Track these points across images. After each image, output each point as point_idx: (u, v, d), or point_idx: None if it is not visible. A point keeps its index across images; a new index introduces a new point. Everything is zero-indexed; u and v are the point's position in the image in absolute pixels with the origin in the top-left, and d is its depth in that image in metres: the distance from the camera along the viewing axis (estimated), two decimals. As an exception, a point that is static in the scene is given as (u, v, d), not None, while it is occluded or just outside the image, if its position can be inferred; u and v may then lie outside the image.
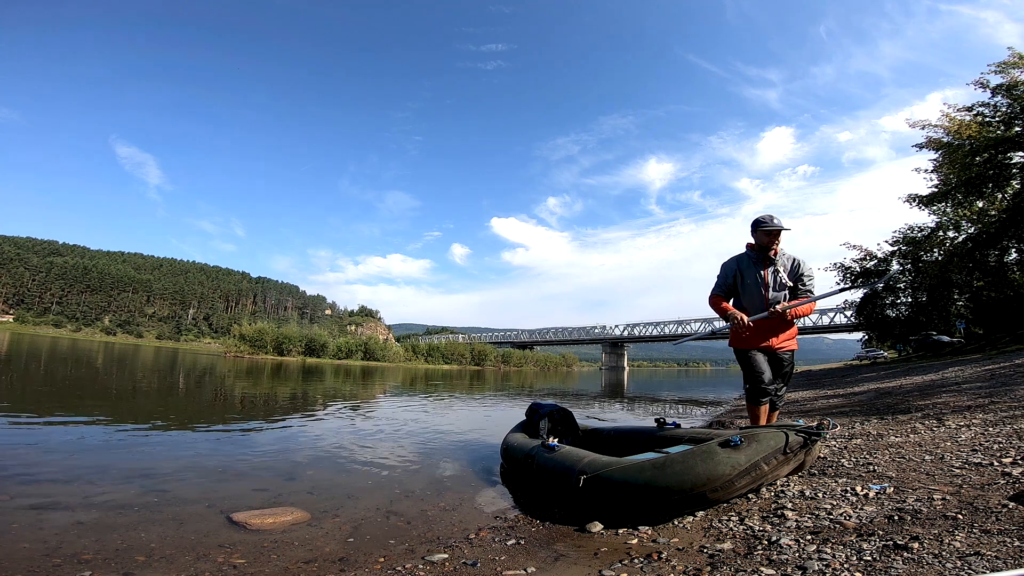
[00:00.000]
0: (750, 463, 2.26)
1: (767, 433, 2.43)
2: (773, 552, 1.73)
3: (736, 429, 3.01)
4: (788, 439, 2.39)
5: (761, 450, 2.31)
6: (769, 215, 3.19)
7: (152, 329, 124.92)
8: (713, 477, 2.22)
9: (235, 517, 2.39)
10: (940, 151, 18.57)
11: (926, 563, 1.46)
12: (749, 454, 2.28)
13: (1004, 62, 16.73)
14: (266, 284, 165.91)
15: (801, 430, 2.49)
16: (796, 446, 2.41)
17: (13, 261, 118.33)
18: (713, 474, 2.22)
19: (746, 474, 2.25)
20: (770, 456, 2.32)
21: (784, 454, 2.36)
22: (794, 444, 2.40)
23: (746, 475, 2.26)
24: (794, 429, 2.50)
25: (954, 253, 20.79)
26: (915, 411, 4.69)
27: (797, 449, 2.42)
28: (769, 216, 3.19)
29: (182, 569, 1.85)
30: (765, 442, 2.35)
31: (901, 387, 7.82)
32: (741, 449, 2.29)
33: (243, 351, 41.75)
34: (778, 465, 2.36)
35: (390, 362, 45.92)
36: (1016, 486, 2.02)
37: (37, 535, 2.08)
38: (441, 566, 1.92)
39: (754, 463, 2.27)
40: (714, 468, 2.23)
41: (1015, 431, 3.02)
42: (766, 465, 2.31)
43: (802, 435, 2.45)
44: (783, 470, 2.44)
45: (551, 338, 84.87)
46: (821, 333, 60.69)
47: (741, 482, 2.26)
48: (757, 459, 2.28)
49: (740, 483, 2.26)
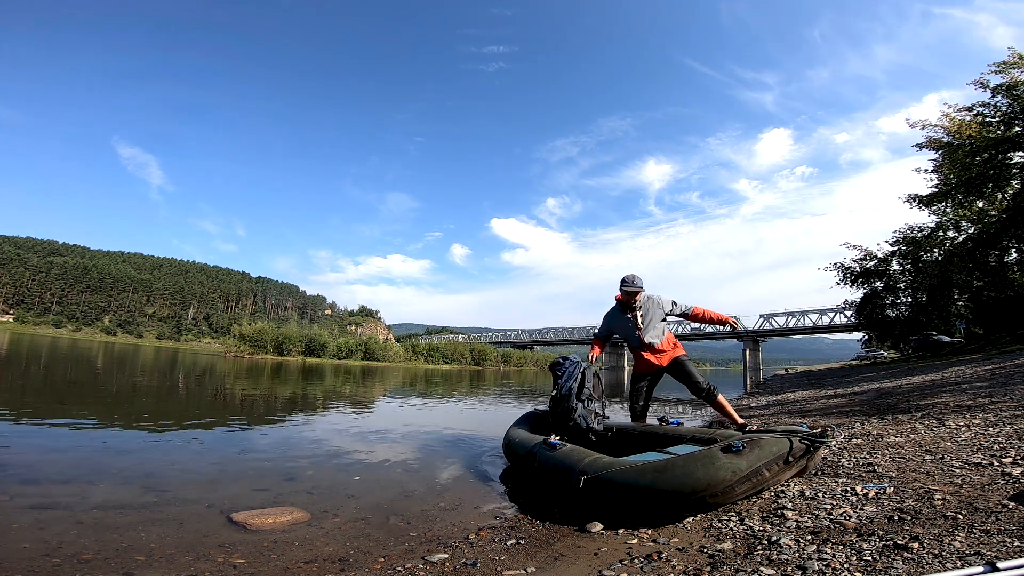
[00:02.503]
0: (751, 469, 2.25)
1: (769, 439, 2.41)
2: (773, 552, 1.73)
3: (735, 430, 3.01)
4: (791, 445, 2.37)
5: (763, 456, 2.30)
6: (631, 276, 3.91)
7: (152, 329, 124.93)
8: (714, 482, 2.21)
9: (235, 517, 2.39)
10: (940, 151, 18.56)
11: (926, 563, 1.46)
12: (751, 460, 2.27)
13: (1004, 62, 16.72)
14: (266, 284, 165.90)
15: (805, 436, 2.47)
16: (799, 452, 2.39)
17: (13, 261, 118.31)
18: (714, 479, 2.21)
19: (747, 480, 2.24)
20: (771, 462, 2.30)
21: (786, 461, 2.35)
22: (796, 451, 2.38)
23: (746, 481, 2.25)
24: (798, 435, 2.48)
25: (954, 253, 20.77)
26: (915, 411, 4.69)
27: (800, 455, 2.40)
28: (631, 277, 3.90)
29: (182, 569, 1.85)
30: (767, 448, 2.33)
31: (901, 387, 7.82)
32: (743, 454, 2.28)
33: (243, 351, 41.71)
34: (779, 471, 2.34)
35: (390, 362, 45.89)
36: (1016, 486, 2.02)
37: (37, 535, 2.08)
38: (441, 566, 1.92)
39: (755, 469, 2.26)
40: (715, 473, 2.22)
41: (1015, 431, 3.02)
42: (767, 471, 2.29)
43: (805, 441, 2.43)
44: (784, 476, 2.42)
45: (551, 338, 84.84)
46: (821, 333, 60.75)
47: (741, 487, 2.25)
48: (758, 465, 2.27)
49: (740, 488, 2.25)
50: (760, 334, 60.32)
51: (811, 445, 2.44)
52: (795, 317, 57.85)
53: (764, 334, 60.61)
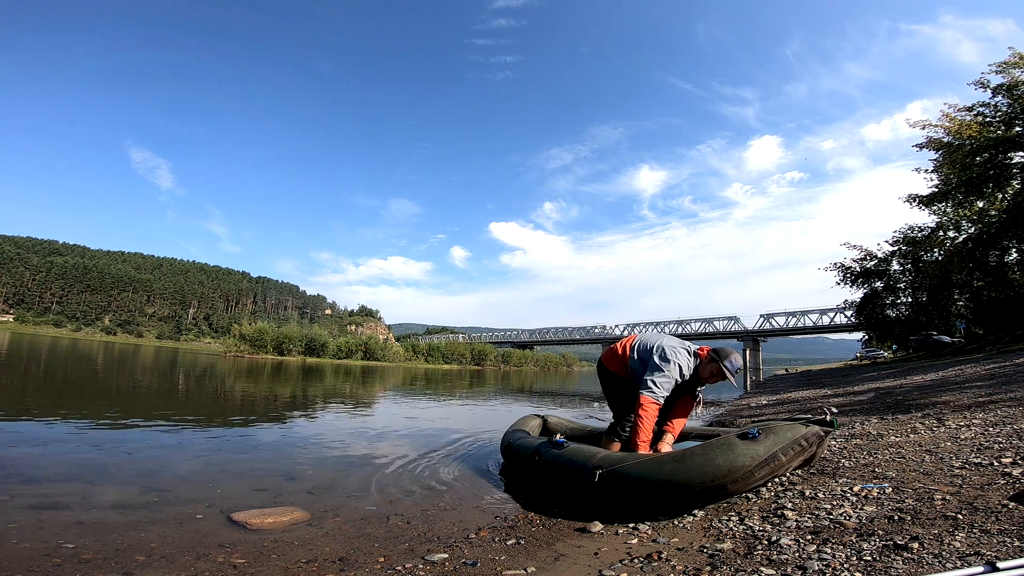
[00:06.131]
0: (769, 454, 2.31)
1: (783, 425, 2.49)
2: (773, 552, 1.73)
3: None
4: (805, 431, 2.45)
5: (779, 441, 2.36)
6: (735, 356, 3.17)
7: (152, 329, 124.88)
8: (734, 468, 2.26)
9: (235, 517, 2.39)
10: (940, 151, 18.54)
11: (926, 563, 1.46)
12: (768, 445, 2.33)
13: (1004, 62, 16.69)
14: (266, 284, 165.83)
15: (815, 422, 2.55)
16: (811, 437, 2.46)
17: (13, 261, 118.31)
18: (734, 465, 2.27)
19: (765, 464, 2.30)
20: (788, 447, 2.37)
21: (800, 445, 2.41)
22: (811, 435, 2.45)
23: (765, 466, 2.30)
24: (808, 422, 2.56)
25: (954, 253, 20.74)
26: (915, 411, 4.68)
27: (813, 439, 2.47)
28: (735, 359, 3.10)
29: (182, 569, 1.85)
30: (782, 434, 2.41)
31: (901, 387, 7.82)
32: (760, 441, 2.35)
33: (243, 351, 41.75)
34: (795, 455, 2.40)
35: (390, 362, 45.90)
36: (1016, 486, 2.02)
37: (37, 535, 2.08)
38: (441, 566, 1.92)
39: (772, 454, 2.32)
40: (735, 459, 2.28)
41: (1015, 431, 3.02)
42: (784, 456, 2.35)
43: (817, 427, 2.51)
44: (798, 460, 2.48)
45: (551, 338, 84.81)
46: (821, 333, 60.65)
47: (760, 472, 2.30)
48: (775, 450, 2.33)
49: (760, 474, 2.30)
50: (760, 334, 60.30)
51: (822, 431, 2.51)
52: (795, 317, 57.82)
53: (764, 334, 60.58)
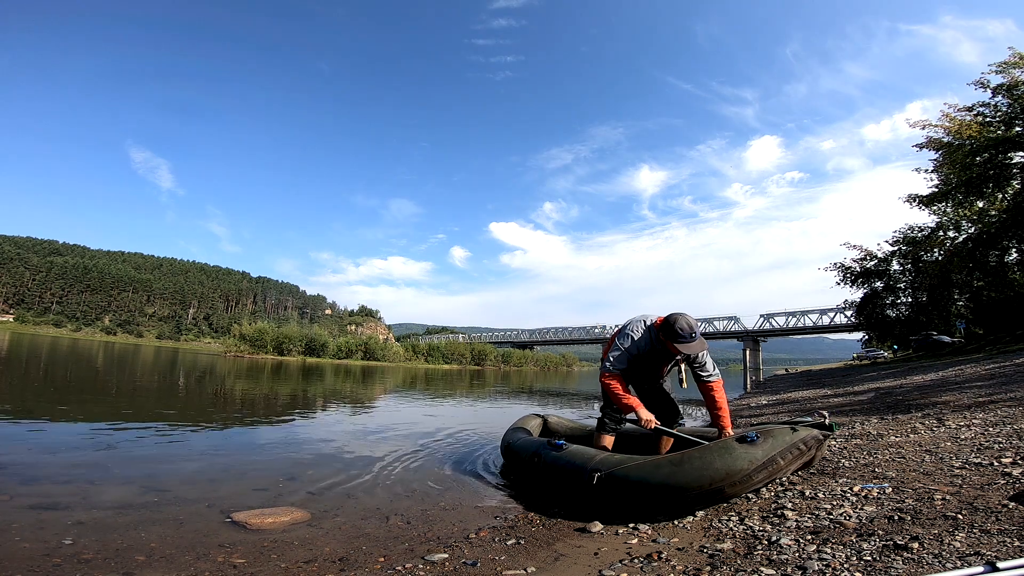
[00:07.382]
0: (767, 457, 2.31)
1: (782, 429, 2.48)
2: (773, 552, 1.72)
3: None
4: (803, 435, 2.44)
5: (777, 445, 2.35)
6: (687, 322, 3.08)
7: (152, 329, 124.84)
8: (732, 472, 2.26)
9: (235, 517, 2.39)
10: (940, 151, 18.53)
11: (926, 563, 1.46)
12: (766, 449, 2.32)
13: (1005, 62, 16.68)
14: (266, 284, 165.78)
15: (814, 425, 2.54)
16: (809, 441, 2.45)
17: (13, 261, 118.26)
18: (732, 469, 2.26)
19: (763, 468, 2.30)
20: (786, 451, 2.36)
21: (799, 449, 2.40)
22: (809, 439, 2.44)
23: (763, 469, 2.30)
24: (807, 425, 2.55)
25: (954, 253, 20.73)
26: (915, 411, 4.68)
27: (812, 443, 2.46)
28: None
29: (182, 569, 1.85)
30: (780, 437, 2.40)
31: (901, 387, 7.82)
32: (758, 444, 2.34)
33: (243, 351, 41.76)
34: (793, 459, 2.40)
35: (390, 362, 45.90)
36: (1016, 486, 2.02)
37: (37, 535, 2.08)
38: (441, 566, 1.92)
39: (771, 458, 2.31)
40: (733, 463, 2.27)
41: (1015, 431, 3.01)
42: (782, 459, 2.35)
43: (815, 430, 2.50)
44: (796, 464, 2.48)
45: (551, 338, 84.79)
46: (821, 333, 60.59)
47: (759, 476, 2.30)
48: (774, 454, 2.32)
49: (758, 477, 2.30)
50: (760, 334, 60.28)
51: (820, 434, 2.50)
52: (795, 317, 57.80)
53: (764, 334, 60.56)
